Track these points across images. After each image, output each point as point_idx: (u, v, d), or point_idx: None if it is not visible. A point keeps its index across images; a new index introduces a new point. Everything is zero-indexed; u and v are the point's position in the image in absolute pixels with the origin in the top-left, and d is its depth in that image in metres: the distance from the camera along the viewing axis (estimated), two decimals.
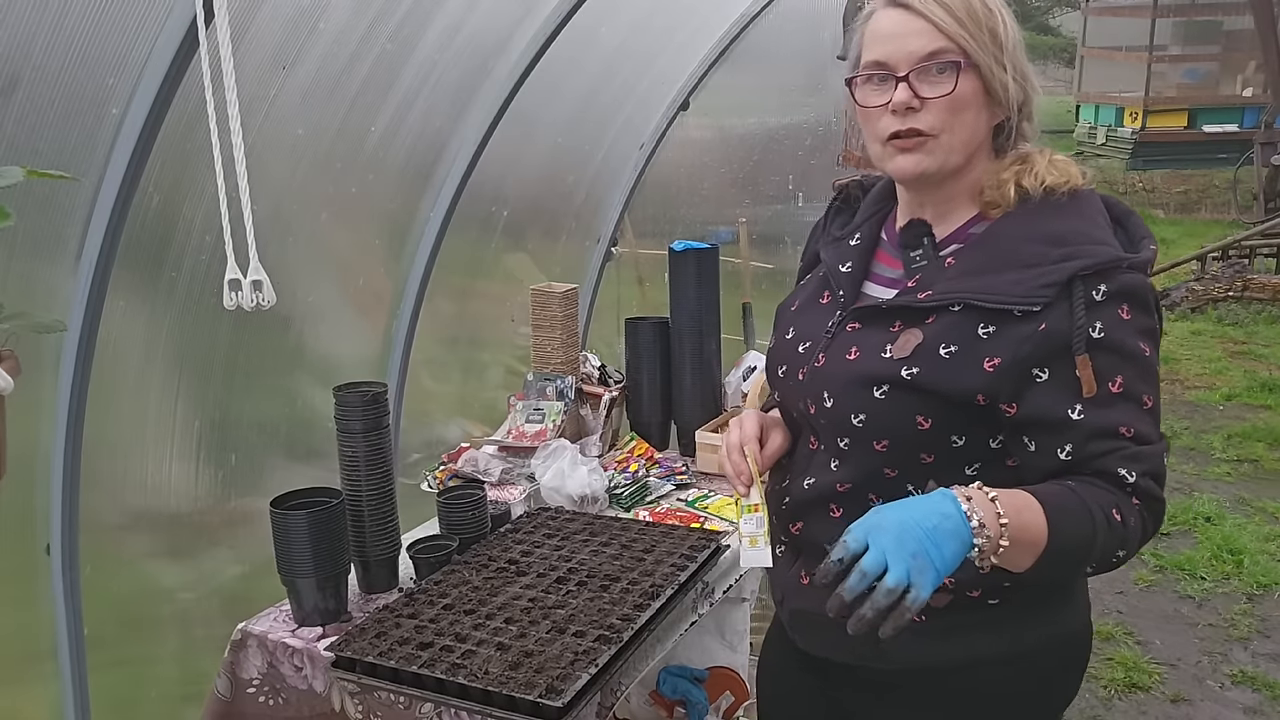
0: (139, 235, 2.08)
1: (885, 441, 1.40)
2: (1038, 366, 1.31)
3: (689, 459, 2.65)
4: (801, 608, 1.56)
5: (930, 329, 1.36)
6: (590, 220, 3.93)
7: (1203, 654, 3.52)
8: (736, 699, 2.69)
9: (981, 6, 1.35)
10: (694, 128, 4.10)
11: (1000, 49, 1.35)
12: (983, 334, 1.33)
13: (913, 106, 1.35)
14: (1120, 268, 1.30)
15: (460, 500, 2.13)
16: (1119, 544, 1.29)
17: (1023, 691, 1.49)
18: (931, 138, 1.36)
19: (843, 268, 1.52)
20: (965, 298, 1.34)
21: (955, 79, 1.33)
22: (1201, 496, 4.74)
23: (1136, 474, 1.29)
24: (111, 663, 2.25)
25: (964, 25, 1.33)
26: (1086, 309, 1.28)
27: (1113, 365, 1.29)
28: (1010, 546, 1.21)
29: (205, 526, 2.46)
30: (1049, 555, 1.25)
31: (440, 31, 2.64)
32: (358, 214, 2.80)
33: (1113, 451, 1.29)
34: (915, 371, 1.35)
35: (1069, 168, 1.39)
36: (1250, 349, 7.15)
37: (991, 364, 1.32)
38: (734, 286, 3.95)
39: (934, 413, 1.36)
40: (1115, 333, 1.29)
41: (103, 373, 2.07)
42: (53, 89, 1.86)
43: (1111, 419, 1.29)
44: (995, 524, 1.20)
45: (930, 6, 1.34)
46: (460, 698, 1.62)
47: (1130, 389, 1.29)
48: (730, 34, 3.86)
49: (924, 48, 1.34)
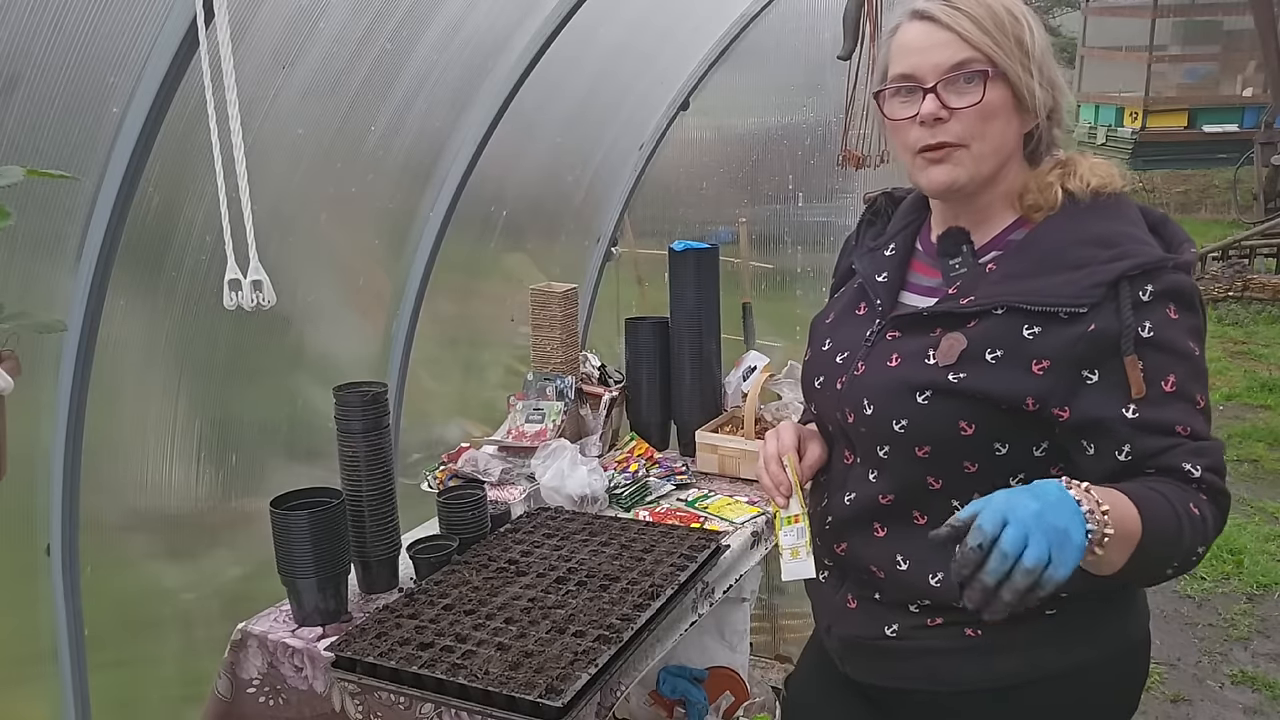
0: (139, 235, 2.08)
1: (927, 448, 1.38)
2: (1088, 368, 1.30)
3: (689, 459, 2.65)
4: (852, 634, 1.52)
5: (973, 332, 1.35)
6: (590, 220, 3.93)
7: (1203, 654, 3.51)
8: (736, 699, 2.69)
9: (1008, 15, 1.35)
10: (694, 128, 4.10)
11: (1027, 56, 1.35)
12: (1028, 335, 1.32)
13: (940, 118, 1.35)
14: (1166, 268, 1.29)
15: (460, 500, 2.13)
16: (1200, 539, 1.26)
17: (1086, 707, 1.45)
18: (962, 148, 1.36)
19: (879, 277, 1.51)
20: (1010, 301, 1.33)
21: (983, 88, 1.33)
22: None
23: (1202, 468, 1.27)
24: (111, 663, 2.25)
25: (990, 34, 1.33)
26: (1134, 309, 1.27)
27: (1164, 365, 1.28)
28: (1113, 540, 1.15)
29: (205, 527, 2.46)
30: (1142, 549, 1.20)
31: (440, 31, 2.64)
32: (358, 214, 2.80)
33: (1173, 448, 1.27)
34: (963, 377, 1.34)
35: (1111, 170, 1.39)
36: (1250, 349, 7.15)
37: (1040, 366, 1.31)
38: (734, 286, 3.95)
39: (978, 418, 1.34)
40: (1164, 332, 1.28)
41: (103, 373, 2.07)
42: (53, 88, 1.85)
43: (1167, 417, 1.28)
44: (1099, 510, 1.15)
45: (956, 17, 1.34)
46: (460, 698, 1.63)
47: (1183, 388, 1.28)
48: (730, 34, 3.86)
49: (950, 58, 1.34)
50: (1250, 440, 5.46)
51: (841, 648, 1.56)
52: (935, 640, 1.42)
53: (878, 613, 1.46)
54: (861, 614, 1.48)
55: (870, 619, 1.47)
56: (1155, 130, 14.59)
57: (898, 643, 1.44)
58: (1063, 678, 1.41)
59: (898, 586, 1.43)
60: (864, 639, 1.48)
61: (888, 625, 1.45)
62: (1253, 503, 4.69)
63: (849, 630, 1.52)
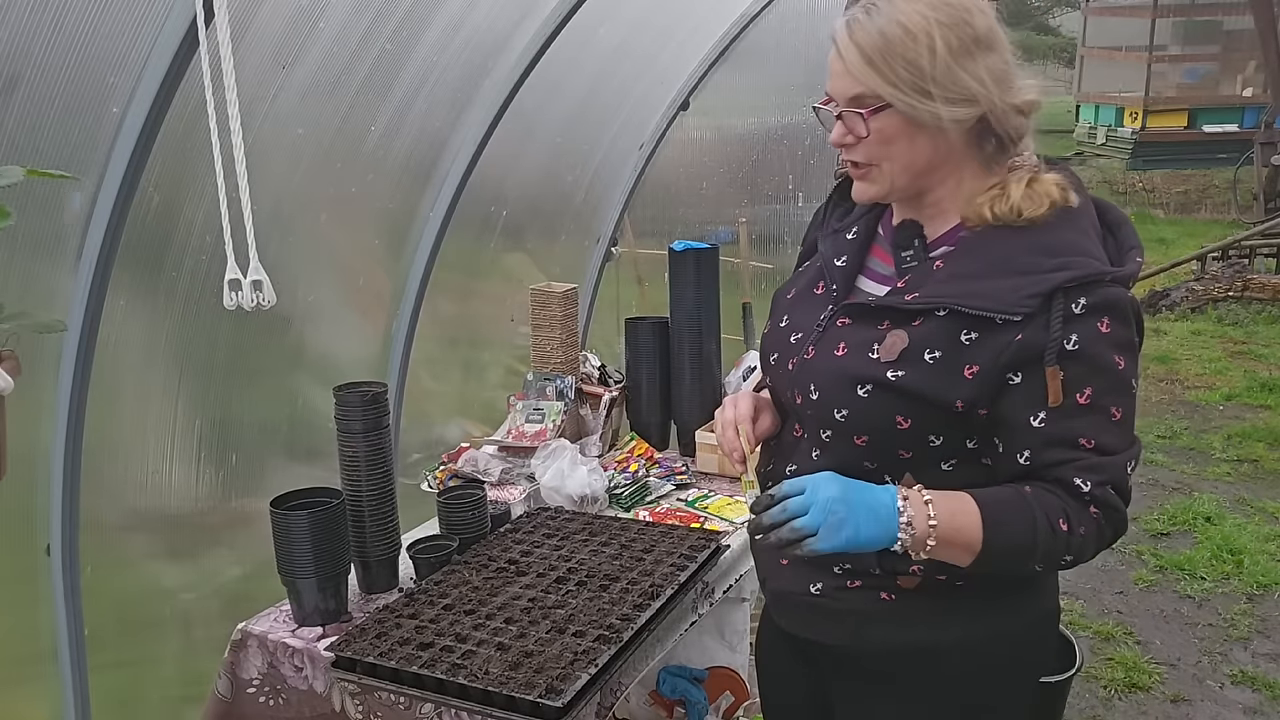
0: (139, 235, 2.08)
1: (865, 437, 1.43)
2: (1012, 372, 1.34)
3: (689, 459, 2.65)
4: (780, 588, 1.61)
5: (916, 332, 1.39)
6: (590, 220, 3.93)
7: (1203, 654, 3.51)
8: (736, 699, 2.69)
9: (903, 36, 1.32)
10: (694, 128, 4.10)
11: (922, 77, 1.32)
12: (965, 340, 1.36)
13: (845, 142, 1.41)
14: (1103, 281, 1.31)
15: (460, 500, 2.13)
16: (1064, 549, 1.34)
17: (993, 671, 1.52)
18: (874, 166, 1.41)
19: (838, 261, 1.54)
20: (951, 303, 1.36)
21: (866, 122, 1.37)
22: (1201, 496, 4.74)
23: (1092, 484, 1.33)
24: (112, 663, 2.25)
25: (875, 68, 1.33)
26: (1064, 321, 1.30)
27: (1083, 377, 1.31)
28: (938, 547, 1.34)
29: (206, 527, 2.46)
30: (985, 557, 1.35)
31: (440, 31, 2.64)
32: (358, 213, 2.80)
33: (1070, 461, 1.33)
34: (900, 375, 1.38)
35: (1048, 192, 1.37)
36: (1250, 349, 7.15)
37: (971, 371, 1.35)
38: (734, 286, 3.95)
39: (914, 414, 1.39)
40: (1091, 346, 1.31)
41: (103, 373, 2.07)
42: (53, 88, 1.85)
43: (1073, 429, 1.33)
44: (924, 525, 1.33)
45: (849, 50, 1.36)
46: (460, 698, 1.63)
47: (1098, 401, 1.32)
48: (730, 34, 3.86)
49: (845, 91, 1.38)
50: (1250, 440, 5.46)
51: (774, 600, 1.66)
52: (854, 601, 1.51)
53: (805, 571, 1.54)
54: (791, 571, 1.56)
55: (798, 576, 1.55)
56: (1155, 130, 14.60)
57: (820, 599, 1.53)
58: (972, 645, 1.49)
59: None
60: (793, 594, 1.58)
61: (813, 583, 1.54)
62: (1253, 503, 4.69)
63: (780, 585, 1.61)
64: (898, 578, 1.47)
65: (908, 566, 1.44)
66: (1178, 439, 5.53)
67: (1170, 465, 5.17)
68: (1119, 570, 4.11)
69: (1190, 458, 5.28)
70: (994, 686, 1.54)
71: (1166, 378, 6.60)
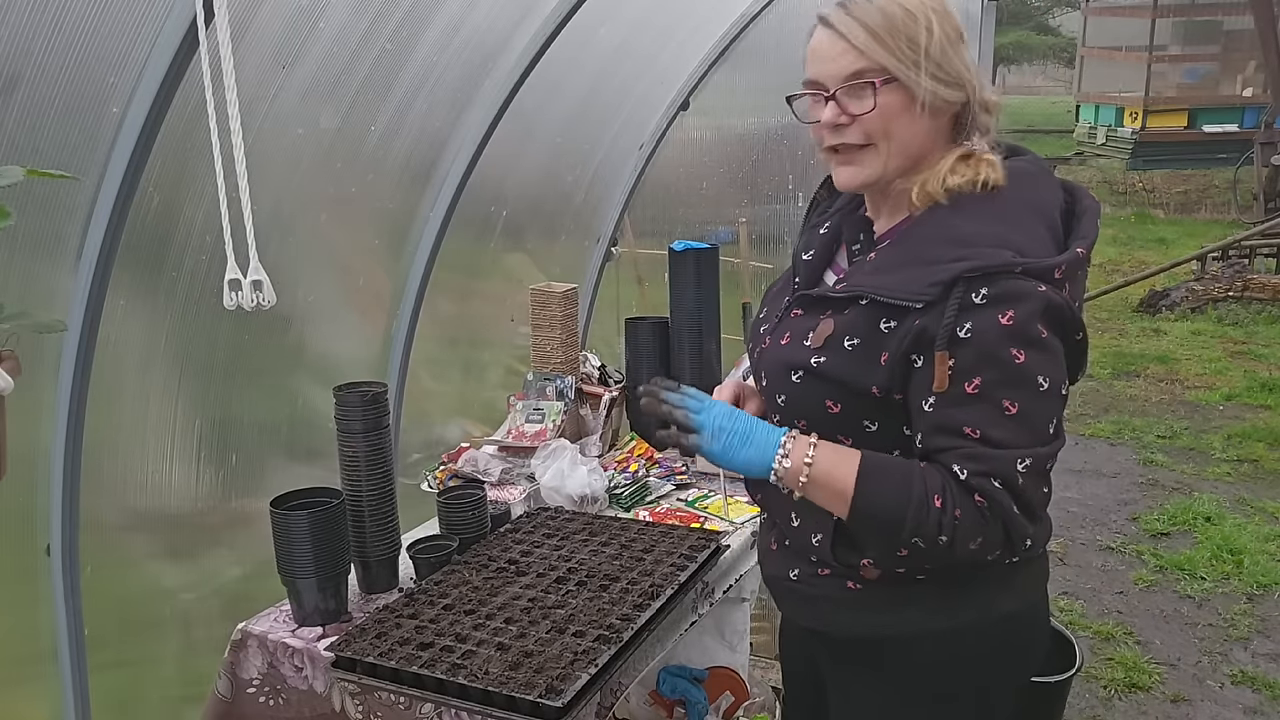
0: (139, 235, 2.08)
1: (803, 422, 1.50)
2: (914, 355, 1.38)
3: (689, 459, 2.64)
4: (769, 573, 1.69)
5: (842, 320, 1.44)
6: (590, 220, 3.93)
7: (1203, 654, 3.51)
8: (736, 699, 2.69)
9: (903, 15, 1.38)
10: (694, 128, 4.10)
11: (923, 55, 1.37)
12: (884, 329, 1.40)
13: (841, 123, 1.42)
14: (1011, 273, 1.32)
15: (460, 500, 2.13)
16: (936, 527, 1.36)
17: (958, 664, 1.56)
18: (869, 146, 1.43)
19: (805, 255, 1.60)
20: (869, 291, 1.41)
21: (874, 97, 1.39)
22: (1201, 496, 4.74)
23: (969, 473, 1.35)
24: (112, 663, 2.25)
25: (881, 41, 1.37)
26: (960, 310, 1.32)
27: (974, 366, 1.33)
28: (810, 485, 1.42)
29: (206, 527, 2.46)
30: (856, 511, 1.41)
31: (440, 31, 2.64)
32: (358, 214, 2.80)
33: (952, 449, 1.36)
34: (822, 361, 1.45)
35: (978, 170, 1.41)
36: (1250, 349, 7.15)
37: (884, 358, 1.40)
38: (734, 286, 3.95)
39: (841, 399, 1.45)
40: (984, 335, 1.32)
41: (103, 373, 2.07)
42: (53, 88, 1.85)
43: (958, 418, 1.35)
44: (800, 463, 1.42)
45: (849, 26, 1.39)
46: (460, 698, 1.63)
47: (989, 392, 1.33)
48: (730, 34, 3.86)
49: (847, 68, 1.40)
50: (1250, 440, 5.46)
51: (765, 582, 1.73)
52: (825, 588, 1.57)
53: (787, 557, 1.62)
54: (778, 556, 1.65)
55: (783, 561, 1.64)
56: (1155, 130, 14.61)
57: (798, 585, 1.61)
58: (938, 637, 1.53)
59: (796, 538, 1.59)
60: (778, 578, 1.65)
61: (792, 570, 1.61)
62: (1253, 503, 4.69)
63: (770, 569, 1.69)
64: (856, 569, 1.52)
65: (859, 558, 1.51)
66: (1178, 439, 5.53)
67: (1170, 465, 5.17)
68: (1119, 570, 4.11)
69: (1190, 458, 5.28)
70: (962, 678, 1.57)
71: (1166, 378, 6.60)
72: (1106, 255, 10.34)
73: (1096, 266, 9.89)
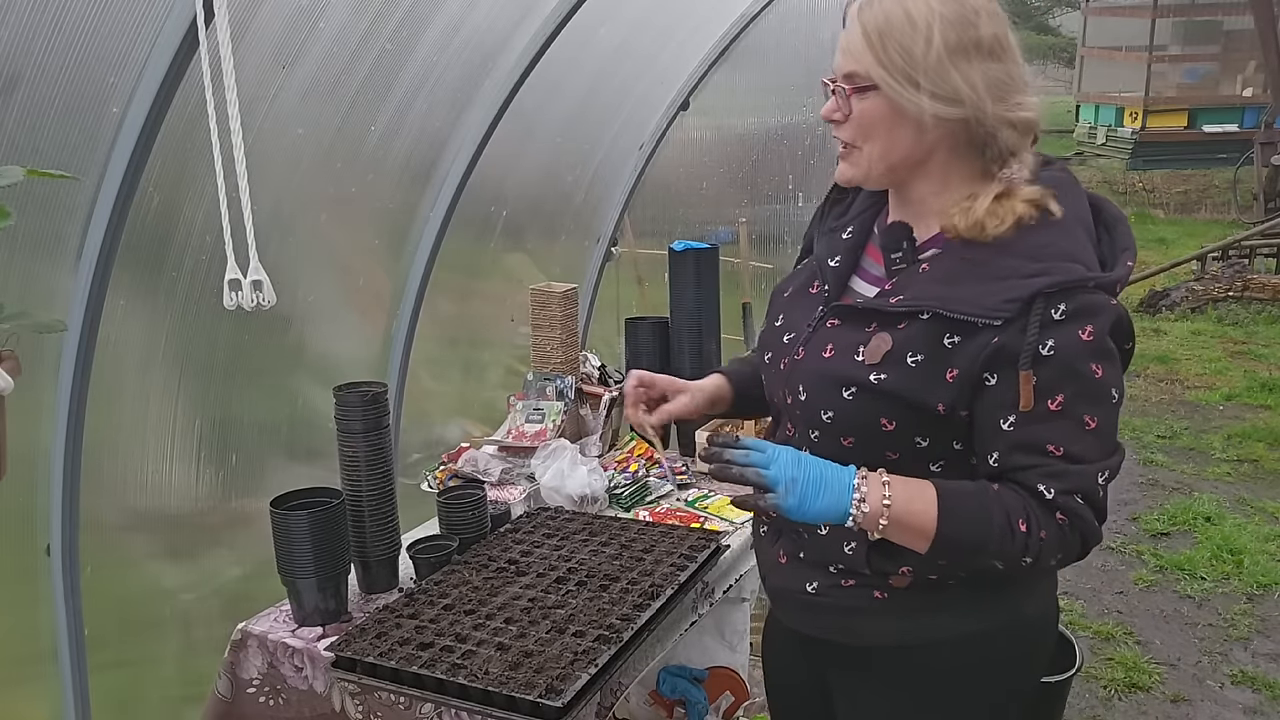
0: (139, 235, 2.08)
1: (851, 438, 1.45)
2: (988, 373, 1.34)
3: (689, 459, 2.64)
4: (778, 585, 1.65)
5: (900, 334, 1.39)
6: (590, 220, 3.93)
7: (1203, 654, 3.51)
8: (736, 699, 2.69)
9: (905, 23, 1.32)
10: (694, 128, 4.10)
11: (913, 65, 1.32)
12: (948, 344, 1.36)
13: (834, 118, 1.42)
14: (1086, 288, 1.31)
15: (460, 500, 2.13)
16: (1022, 550, 1.35)
17: (983, 669, 1.55)
18: (856, 148, 1.42)
19: (831, 262, 1.55)
20: (933, 306, 1.36)
21: (850, 100, 1.38)
22: (1201, 496, 4.74)
23: (1056, 491, 1.33)
24: (112, 663, 2.25)
25: (871, 45, 1.34)
26: (1041, 327, 1.30)
27: (1057, 383, 1.31)
28: (891, 527, 1.36)
29: (205, 527, 2.46)
30: (939, 544, 1.37)
31: (440, 31, 2.64)
32: (358, 214, 2.80)
33: (1035, 467, 1.34)
34: (883, 378, 1.39)
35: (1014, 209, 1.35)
36: (1250, 349, 7.15)
37: (952, 374, 1.36)
38: (734, 286, 3.95)
39: (898, 416, 1.40)
40: (1067, 352, 1.30)
41: (103, 373, 2.07)
42: (53, 88, 1.85)
43: (1041, 435, 1.33)
44: (878, 504, 1.36)
45: (852, 25, 1.37)
46: (460, 698, 1.63)
47: (1070, 409, 1.32)
48: (730, 34, 3.86)
49: (844, 67, 1.39)
50: (1250, 440, 5.45)
51: (772, 596, 1.69)
52: (848, 599, 1.54)
53: (802, 570, 1.58)
54: (790, 569, 1.60)
55: (796, 574, 1.59)
56: (1155, 130, 14.59)
57: (817, 598, 1.57)
58: (962, 643, 1.51)
59: (818, 549, 1.54)
60: (790, 591, 1.61)
61: (809, 582, 1.57)
62: (1253, 503, 4.69)
63: (779, 582, 1.64)
64: (889, 578, 1.49)
65: (897, 567, 1.47)
66: (1178, 439, 5.53)
67: (1170, 465, 5.17)
68: (1119, 570, 4.11)
69: (1190, 458, 5.28)
70: (981, 684, 1.56)
71: (1166, 378, 6.60)
72: None
73: None
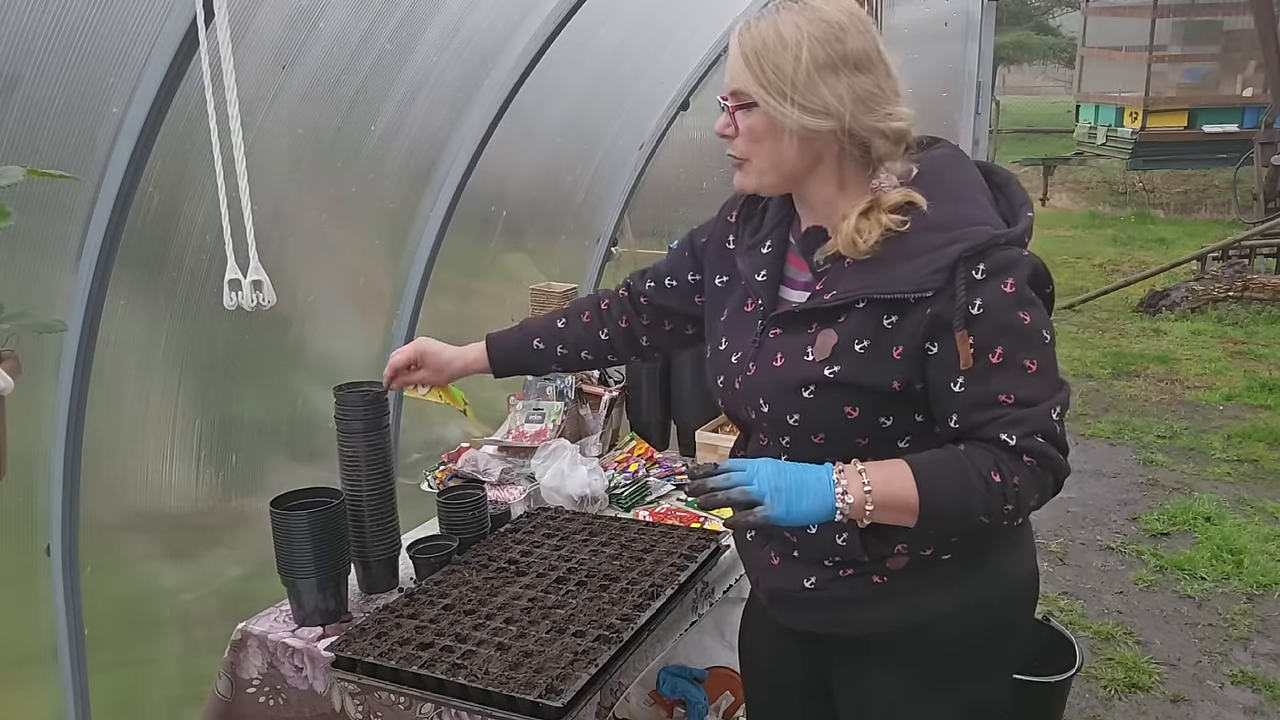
0: (139, 235, 2.08)
1: (821, 434, 1.51)
2: (929, 342, 1.41)
3: (689, 459, 2.65)
4: (774, 587, 1.66)
5: (843, 327, 1.46)
6: (590, 220, 3.93)
7: (1203, 654, 3.51)
8: (736, 699, 2.69)
9: (776, 40, 1.41)
10: (694, 128, 4.10)
11: (785, 81, 1.40)
12: (888, 325, 1.43)
13: (726, 134, 1.49)
14: (999, 245, 1.39)
15: (460, 500, 2.13)
16: (1001, 500, 1.39)
17: (982, 634, 1.59)
18: (747, 160, 1.49)
19: (759, 276, 1.60)
20: (867, 293, 1.43)
21: (734, 117, 1.46)
22: (1201, 496, 4.74)
23: (1017, 437, 1.39)
24: (112, 664, 2.25)
25: (749, 65, 1.43)
26: (967, 288, 1.38)
27: (992, 338, 1.38)
28: (877, 510, 1.41)
29: (205, 527, 2.46)
30: (926, 516, 1.41)
31: (440, 31, 2.64)
32: (358, 213, 2.80)
33: (994, 420, 1.40)
34: (837, 370, 1.46)
35: (880, 222, 1.42)
36: (1250, 349, 7.15)
37: (898, 351, 1.43)
38: None
39: (859, 403, 1.46)
40: (994, 307, 1.38)
41: (103, 373, 2.07)
42: (53, 88, 1.85)
43: (991, 389, 1.39)
44: (860, 493, 1.40)
45: (734, 47, 1.45)
46: (460, 698, 1.63)
47: (1010, 358, 1.39)
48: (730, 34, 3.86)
49: (730, 84, 1.47)
50: (1250, 440, 5.45)
51: (768, 598, 1.70)
52: (847, 589, 1.57)
53: (797, 568, 1.61)
54: (784, 569, 1.63)
55: (791, 573, 1.62)
56: (1155, 130, 14.60)
57: (815, 593, 1.59)
58: (960, 613, 1.56)
59: (812, 546, 1.57)
60: (787, 591, 1.63)
61: (806, 579, 1.60)
62: (1253, 503, 4.69)
63: (773, 584, 1.66)
64: (886, 561, 1.53)
65: (891, 547, 1.51)
66: (1178, 439, 5.53)
67: (1170, 465, 5.17)
68: (1119, 570, 4.11)
69: (1190, 458, 5.28)
70: (984, 649, 1.61)
71: (1166, 378, 6.60)
72: (1106, 255, 10.35)
73: (1096, 266, 9.91)
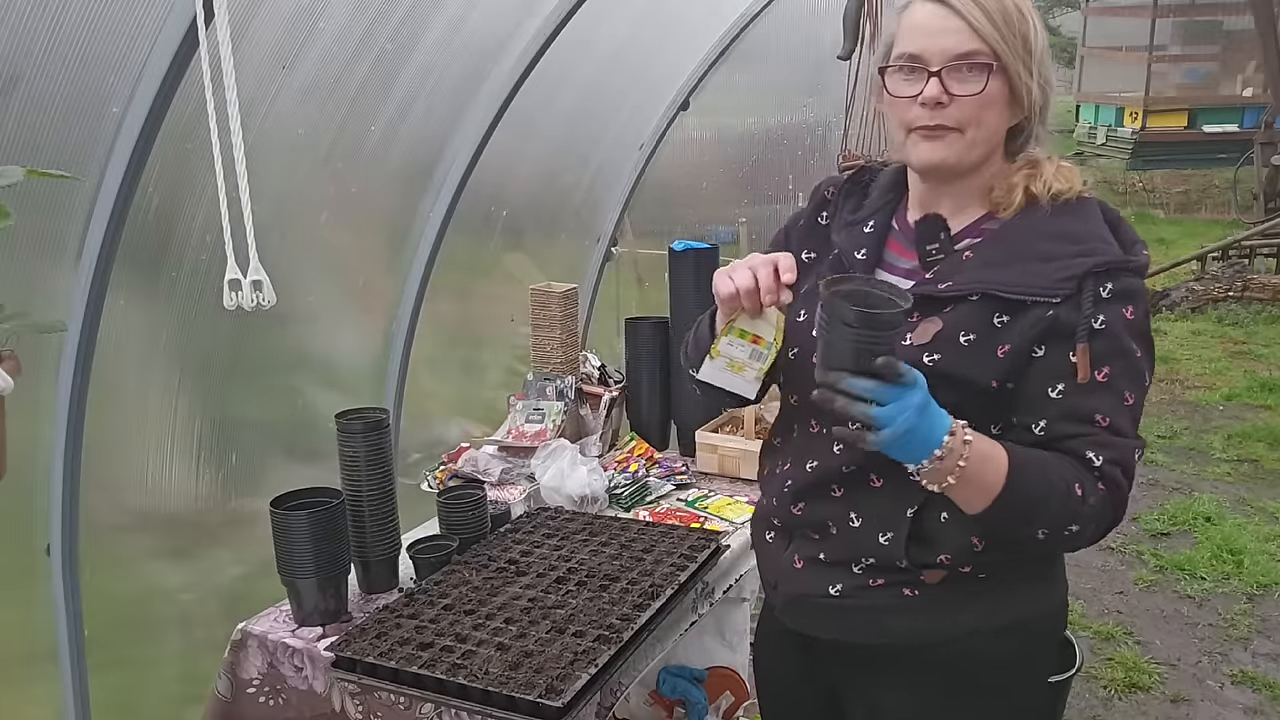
0: (139, 235, 2.08)
1: None
2: (1037, 345, 1.38)
3: (689, 459, 2.65)
4: (795, 592, 1.60)
5: (949, 317, 1.42)
6: (590, 220, 3.93)
7: (1203, 654, 3.51)
8: (736, 699, 2.69)
9: (1016, 11, 1.39)
10: (694, 128, 4.10)
11: (1029, 55, 1.40)
12: (997, 323, 1.40)
13: (941, 102, 1.39)
14: (1126, 269, 1.38)
15: (460, 500, 2.13)
16: (1071, 517, 1.36)
17: (1008, 661, 1.55)
18: (956, 131, 1.41)
19: (858, 254, 1.55)
20: (986, 288, 1.40)
21: (985, 80, 1.38)
22: (1201, 496, 4.74)
23: (1103, 459, 1.36)
24: (111, 664, 2.25)
25: (999, 29, 1.37)
26: (1094, 303, 1.36)
27: (1105, 356, 1.36)
28: (957, 485, 1.33)
29: (205, 527, 2.46)
30: (1001, 502, 1.34)
31: (440, 31, 2.64)
32: (358, 214, 2.80)
33: (1082, 436, 1.37)
34: (937, 359, 1.40)
35: (1074, 176, 1.45)
36: (1250, 349, 7.15)
37: (1003, 350, 1.39)
38: None
39: (947, 397, 1.37)
40: (1114, 327, 1.36)
41: (103, 373, 2.07)
42: (53, 88, 1.86)
43: (1090, 405, 1.37)
44: (954, 461, 1.31)
45: (968, 7, 1.38)
46: (460, 698, 1.63)
47: (1115, 382, 1.37)
48: (730, 34, 3.86)
49: (958, 46, 1.37)
50: (1250, 440, 5.45)
51: (786, 603, 1.63)
52: (876, 598, 1.51)
53: (823, 573, 1.55)
54: (808, 574, 1.57)
55: (816, 579, 1.56)
56: (1155, 130, 14.58)
57: (841, 600, 1.53)
58: (989, 635, 1.52)
59: (846, 544, 1.51)
60: (810, 596, 1.57)
61: (832, 585, 1.54)
62: (1253, 503, 4.69)
63: (795, 589, 1.60)
64: (923, 572, 1.48)
65: (935, 556, 1.46)
66: (1178, 439, 5.53)
67: (1170, 465, 5.17)
68: (1119, 570, 4.11)
69: (1190, 458, 5.28)
70: (1009, 674, 1.56)
71: (1166, 378, 6.60)
72: None
73: None
